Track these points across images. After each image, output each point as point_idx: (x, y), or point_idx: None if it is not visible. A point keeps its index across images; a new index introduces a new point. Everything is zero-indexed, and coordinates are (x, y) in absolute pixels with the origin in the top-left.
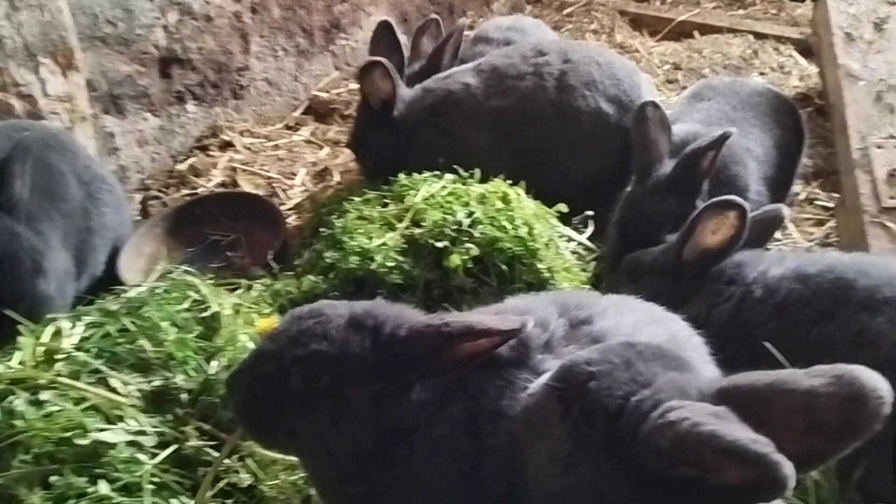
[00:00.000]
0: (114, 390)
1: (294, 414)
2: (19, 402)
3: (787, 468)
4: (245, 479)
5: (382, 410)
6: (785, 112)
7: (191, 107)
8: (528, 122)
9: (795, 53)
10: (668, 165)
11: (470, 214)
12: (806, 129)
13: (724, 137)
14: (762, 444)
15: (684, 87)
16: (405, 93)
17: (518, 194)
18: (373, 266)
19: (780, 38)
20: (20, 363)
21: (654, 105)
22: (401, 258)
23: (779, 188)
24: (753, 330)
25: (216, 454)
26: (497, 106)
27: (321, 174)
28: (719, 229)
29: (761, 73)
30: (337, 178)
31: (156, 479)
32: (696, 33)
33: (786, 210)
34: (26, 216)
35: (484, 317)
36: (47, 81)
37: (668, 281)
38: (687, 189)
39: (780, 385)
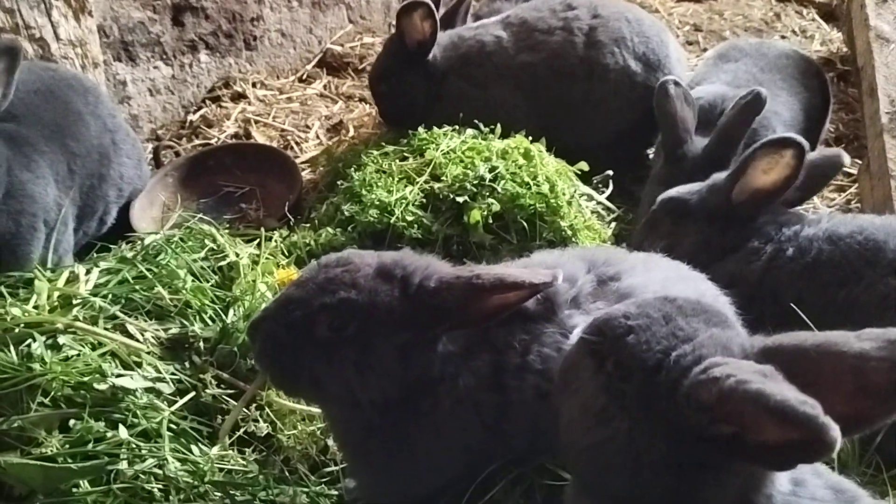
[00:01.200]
0: (131, 336)
1: (319, 362)
2: (37, 345)
3: (834, 431)
4: (263, 428)
5: (409, 361)
6: (811, 75)
7: (203, 56)
8: (556, 78)
9: (818, 17)
10: (698, 142)
11: (492, 169)
12: (832, 94)
13: (757, 99)
14: (810, 405)
15: (704, 50)
16: (441, 37)
17: (540, 151)
18: (392, 220)
19: (802, 2)
20: (35, 307)
21: (676, 82)
22: (420, 212)
23: None
24: (782, 289)
25: (234, 403)
26: (526, 61)
27: (335, 128)
28: (772, 169)
29: (783, 37)
30: (352, 132)
31: (174, 426)
32: None
33: (846, 157)
34: (15, 138)
35: (514, 269)
36: (59, 25)
37: (717, 228)
38: (724, 161)
39: (829, 347)
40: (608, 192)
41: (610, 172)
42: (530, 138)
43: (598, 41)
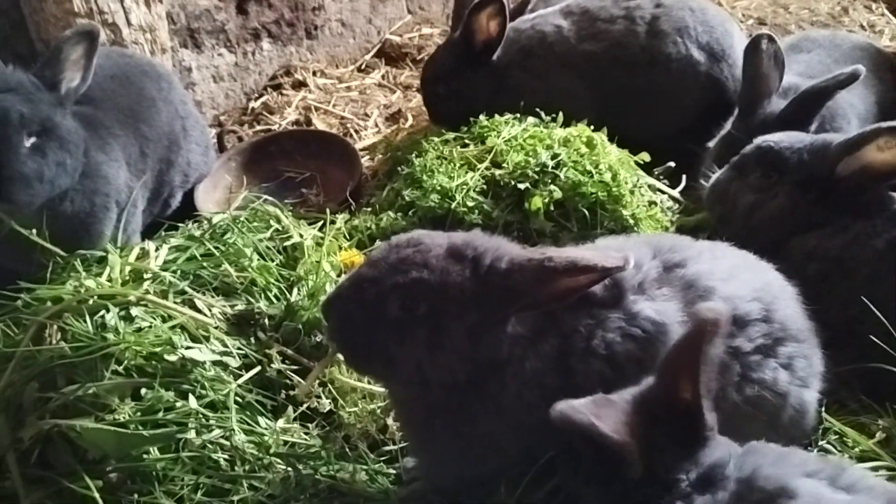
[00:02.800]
0: (199, 311)
1: (391, 341)
2: (110, 316)
3: None
4: (325, 404)
5: (478, 342)
6: (886, 69)
7: (266, 45)
8: (618, 67)
9: (888, 12)
10: (775, 104)
11: (554, 157)
12: None
13: (854, 76)
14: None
15: None
16: None
17: (602, 139)
18: (452, 205)
19: None
20: (109, 280)
21: (770, 38)
22: (481, 198)
23: None
24: (858, 266)
25: (299, 378)
26: (588, 50)
27: (394, 116)
28: (890, 149)
29: (850, 32)
30: (410, 121)
31: (240, 399)
32: None
33: None
34: (92, 121)
35: (586, 252)
36: (131, 11)
37: (811, 197)
38: (794, 128)
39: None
40: (682, 186)
41: (672, 164)
42: (592, 127)
43: (660, 30)
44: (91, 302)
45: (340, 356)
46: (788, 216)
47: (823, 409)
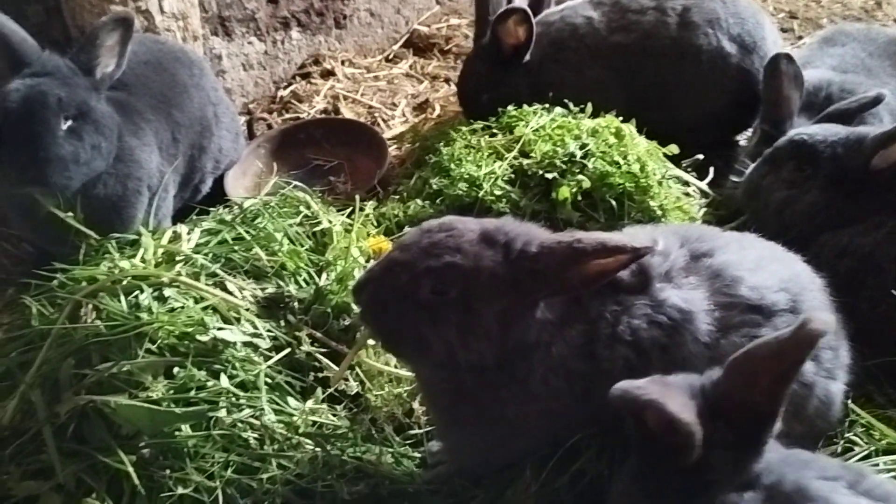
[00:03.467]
0: (230, 293)
1: (423, 323)
2: (144, 296)
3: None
4: (353, 386)
5: (509, 326)
6: None
7: (295, 34)
8: (648, 59)
9: None
10: (797, 124)
11: (583, 147)
12: None
13: (877, 100)
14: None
15: (800, 38)
16: None
17: (630, 130)
18: (480, 194)
19: None
20: (142, 261)
21: (789, 58)
22: (508, 187)
23: None
24: (888, 265)
25: (327, 361)
26: (618, 42)
27: (421, 106)
28: None
29: (884, 26)
30: (437, 110)
31: (269, 380)
32: None
33: None
34: (126, 106)
35: (614, 234)
36: None
37: (845, 191)
38: None
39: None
40: (709, 178)
41: (700, 156)
42: (621, 118)
43: (691, 22)
44: (125, 282)
45: (370, 341)
46: (822, 211)
47: (850, 401)
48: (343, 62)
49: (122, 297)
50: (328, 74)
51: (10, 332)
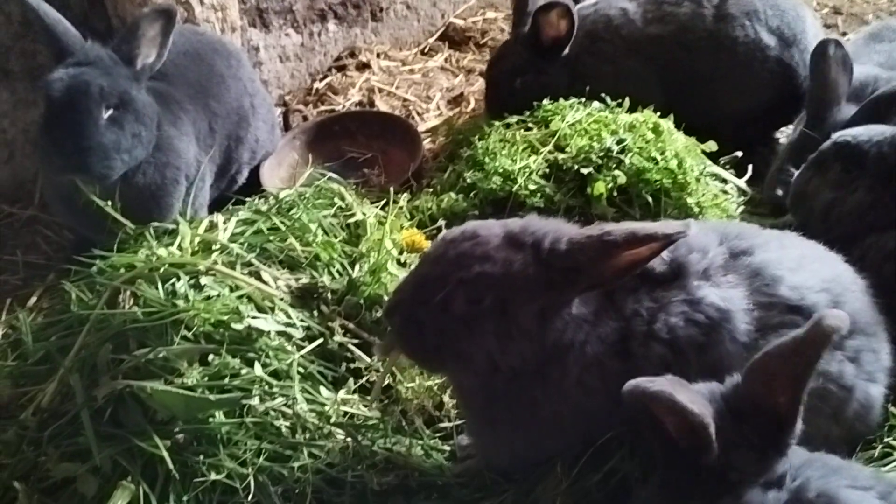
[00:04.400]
0: (265, 283)
1: (461, 336)
2: (181, 284)
3: None
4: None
5: (546, 326)
6: None
7: (332, 26)
8: (684, 51)
9: None
10: (845, 110)
11: (620, 142)
12: None
13: None
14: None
15: (843, 34)
16: None
17: (668, 126)
18: (514, 188)
19: None
20: (179, 249)
21: (838, 43)
22: (543, 182)
23: None
24: None
25: (359, 352)
26: (654, 34)
27: (456, 100)
28: None
29: None
30: (472, 104)
31: (302, 369)
32: None
33: None
34: (165, 96)
35: (644, 223)
36: None
37: (893, 188)
38: None
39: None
40: (747, 175)
41: (739, 154)
42: (658, 113)
43: (728, 14)
44: (162, 270)
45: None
46: (868, 211)
47: (891, 405)
48: (379, 55)
49: (160, 285)
50: (364, 67)
51: (50, 317)
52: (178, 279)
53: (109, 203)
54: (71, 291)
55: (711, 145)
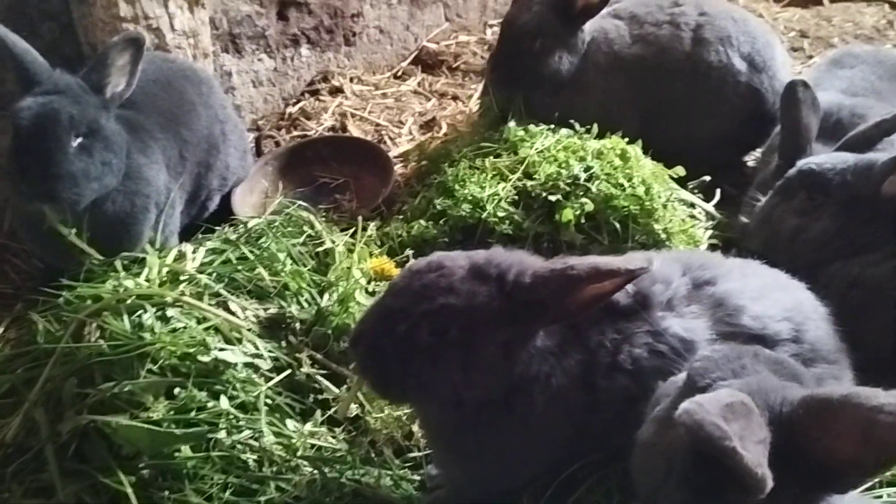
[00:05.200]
0: (233, 314)
1: (425, 368)
2: (147, 316)
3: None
4: (353, 409)
5: (511, 358)
6: None
7: (305, 50)
8: (663, 72)
9: None
10: (816, 151)
11: (587, 169)
12: None
13: None
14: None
15: (810, 57)
16: None
17: (636, 152)
18: (484, 215)
19: None
20: (147, 280)
21: (805, 85)
22: (512, 209)
23: None
24: None
25: (327, 383)
26: (638, 53)
27: (428, 124)
28: None
29: (894, 46)
30: (444, 129)
31: (270, 401)
32: (825, 0)
33: None
34: (134, 124)
35: (607, 257)
36: (175, 16)
37: (857, 219)
38: None
39: (852, 398)
40: (715, 200)
41: (707, 178)
42: (626, 139)
43: (704, 38)
44: (129, 301)
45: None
46: (833, 239)
47: None
48: (352, 79)
49: (126, 317)
50: (337, 91)
51: (16, 349)
52: (145, 311)
53: (75, 232)
54: (38, 322)
55: (679, 170)
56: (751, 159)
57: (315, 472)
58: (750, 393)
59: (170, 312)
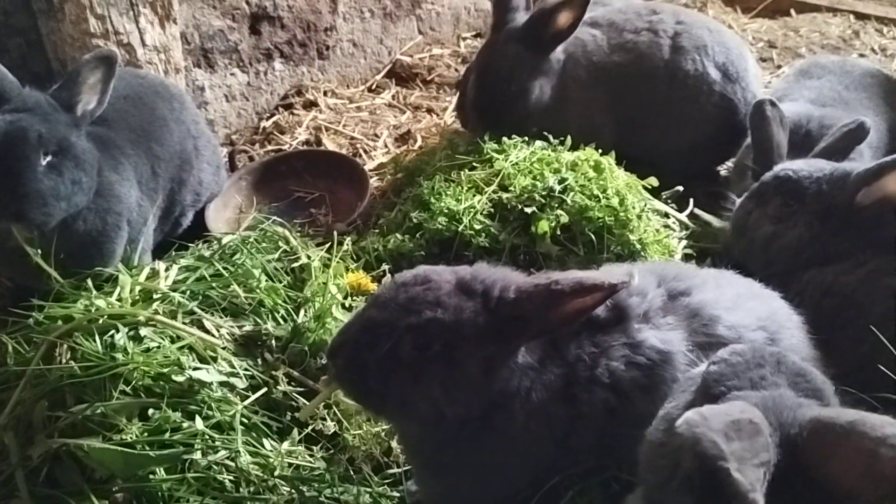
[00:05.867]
0: (207, 332)
1: (406, 382)
2: (120, 336)
3: None
4: (330, 426)
5: (493, 374)
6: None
7: (278, 65)
8: (642, 80)
9: None
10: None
11: (562, 181)
12: None
13: (861, 128)
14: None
15: (779, 67)
16: None
17: (610, 163)
18: (460, 228)
19: (883, 20)
20: (119, 300)
21: (772, 103)
22: (488, 221)
23: None
24: (871, 304)
25: (304, 401)
26: (618, 62)
27: (403, 137)
28: None
29: (861, 55)
30: (419, 141)
31: (246, 420)
32: (792, 11)
33: None
34: (105, 141)
35: (589, 272)
36: (146, 31)
37: (830, 228)
38: None
39: (857, 425)
40: (689, 210)
41: (680, 188)
42: (601, 150)
43: (681, 46)
44: (101, 321)
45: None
46: (807, 246)
47: None
48: (326, 93)
49: (98, 337)
50: (311, 105)
51: None
52: (118, 331)
53: (41, 252)
54: (7, 344)
55: (652, 181)
56: (723, 169)
57: (293, 491)
58: (764, 409)
59: (143, 332)
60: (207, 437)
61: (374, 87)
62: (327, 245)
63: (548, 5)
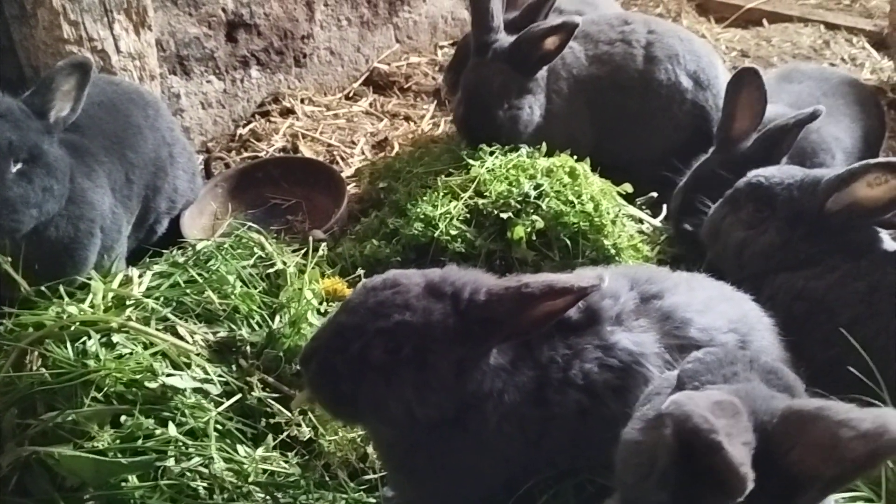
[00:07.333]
0: (181, 338)
1: (378, 386)
2: (92, 343)
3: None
4: (305, 432)
5: (465, 376)
6: (871, 103)
7: (254, 72)
8: (617, 90)
9: (868, 46)
10: (752, 140)
11: (537, 187)
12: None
13: (814, 115)
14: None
15: None
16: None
17: (584, 170)
18: (436, 233)
19: (852, 30)
20: (91, 306)
21: (755, 72)
22: (464, 227)
23: None
24: (839, 309)
25: (279, 406)
26: (595, 73)
27: (380, 144)
28: (879, 186)
29: (832, 65)
30: (396, 148)
31: (220, 427)
32: (765, 21)
33: None
34: (78, 148)
35: (561, 275)
36: (120, 38)
37: (801, 233)
38: (762, 165)
39: (824, 410)
40: (662, 215)
41: (654, 194)
42: (575, 157)
43: (654, 56)
44: (73, 328)
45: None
46: (778, 252)
47: None
48: (303, 100)
49: (69, 344)
50: (288, 112)
51: None
52: (89, 337)
53: (13, 259)
54: None
55: (627, 187)
56: None
57: (268, 497)
58: (738, 398)
59: (115, 338)
60: (181, 443)
61: (351, 94)
62: (303, 251)
63: (536, 31)
